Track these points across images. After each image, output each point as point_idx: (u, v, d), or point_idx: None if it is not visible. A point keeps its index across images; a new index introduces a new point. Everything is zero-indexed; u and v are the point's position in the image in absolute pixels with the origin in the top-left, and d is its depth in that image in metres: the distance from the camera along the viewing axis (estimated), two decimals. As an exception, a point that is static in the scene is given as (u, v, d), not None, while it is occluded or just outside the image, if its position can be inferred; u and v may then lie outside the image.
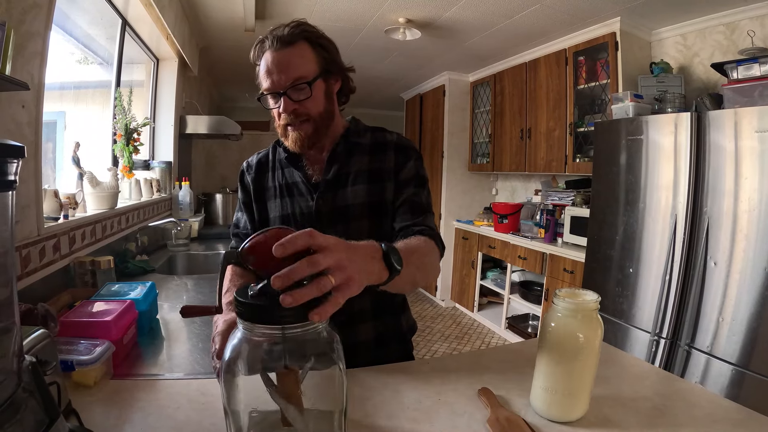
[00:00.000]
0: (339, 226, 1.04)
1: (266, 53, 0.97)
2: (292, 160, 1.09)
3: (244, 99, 6.75)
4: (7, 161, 0.49)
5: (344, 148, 1.08)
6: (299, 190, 1.09)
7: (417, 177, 1.07)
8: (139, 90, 3.06)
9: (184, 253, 2.70)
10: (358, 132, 1.11)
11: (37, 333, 0.66)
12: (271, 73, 0.96)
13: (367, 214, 1.05)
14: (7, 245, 0.51)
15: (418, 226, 1.01)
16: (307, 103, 0.98)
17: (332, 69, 1.03)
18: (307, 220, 1.06)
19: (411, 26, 3.27)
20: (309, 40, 0.98)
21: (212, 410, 0.78)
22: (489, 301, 4.58)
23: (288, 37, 0.95)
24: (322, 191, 1.06)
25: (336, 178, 1.06)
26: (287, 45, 0.95)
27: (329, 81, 1.03)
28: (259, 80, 1.01)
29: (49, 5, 1.33)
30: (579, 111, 3.44)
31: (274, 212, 1.11)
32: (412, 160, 1.08)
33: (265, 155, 1.18)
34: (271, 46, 0.96)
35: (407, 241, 0.90)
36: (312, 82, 0.96)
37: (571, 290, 0.76)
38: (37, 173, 1.35)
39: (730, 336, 1.98)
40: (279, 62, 0.95)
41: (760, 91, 2.07)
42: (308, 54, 0.98)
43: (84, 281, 1.57)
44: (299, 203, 1.08)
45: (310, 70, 0.97)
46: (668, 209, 2.30)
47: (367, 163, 1.07)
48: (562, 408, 0.75)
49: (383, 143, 1.10)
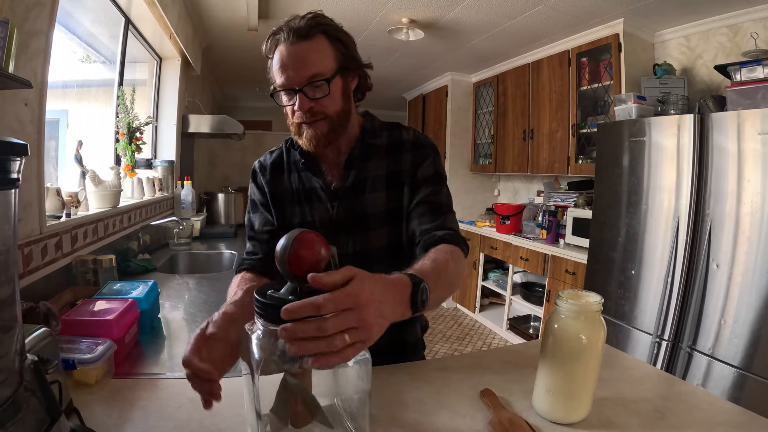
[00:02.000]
0: (358, 234, 1.01)
1: (280, 46, 0.90)
2: (310, 166, 1.03)
3: (246, 98, 6.76)
4: (9, 159, 0.49)
5: (360, 152, 1.02)
6: (318, 197, 1.04)
7: (435, 175, 1.02)
8: (141, 89, 3.06)
9: (186, 252, 2.70)
10: (374, 131, 1.05)
11: (39, 331, 0.66)
12: (286, 68, 0.89)
13: (386, 221, 1.02)
14: (10, 243, 0.51)
15: (440, 230, 0.95)
16: (324, 102, 0.91)
17: (350, 65, 0.96)
18: (326, 228, 1.01)
19: (414, 26, 3.27)
20: (327, 34, 0.91)
21: (213, 409, 0.77)
22: (490, 302, 4.58)
23: (304, 30, 0.88)
24: (341, 199, 1.01)
25: (354, 184, 1.02)
26: (304, 39, 0.88)
27: (347, 78, 0.97)
28: (272, 75, 0.94)
29: (52, 4, 1.33)
30: (582, 112, 3.44)
31: (294, 218, 1.05)
32: (430, 157, 1.03)
33: (278, 155, 1.11)
34: (286, 40, 0.88)
35: (436, 258, 0.83)
36: (330, 79, 0.90)
37: (574, 292, 0.76)
38: (40, 171, 1.35)
39: (732, 338, 1.98)
40: (295, 57, 0.88)
41: (764, 94, 2.07)
42: (326, 49, 0.91)
43: (86, 280, 1.58)
44: (319, 210, 1.03)
45: (328, 66, 0.90)
46: (671, 211, 2.29)
47: (385, 166, 1.02)
48: (565, 410, 0.75)
49: (399, 143, 1.05)
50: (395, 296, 0.62)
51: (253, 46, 3.83)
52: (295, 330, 0.50)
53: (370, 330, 0.54)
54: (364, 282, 0.56)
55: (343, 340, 0.51)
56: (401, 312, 0.63)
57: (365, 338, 0.54)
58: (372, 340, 0.55)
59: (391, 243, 1.02)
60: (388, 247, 1.02)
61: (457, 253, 0.91)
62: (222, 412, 0.77)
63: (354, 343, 0.53)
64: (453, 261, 0.88)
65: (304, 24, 0.88)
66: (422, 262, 0.79)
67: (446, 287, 0.81)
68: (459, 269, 0.91)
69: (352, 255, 1.01)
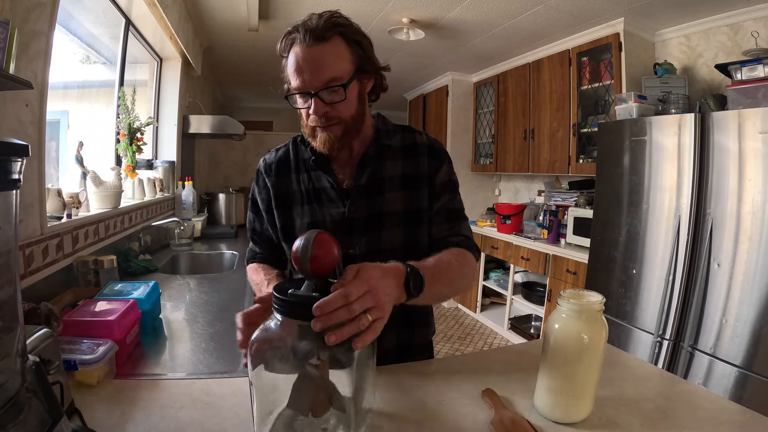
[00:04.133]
0: (372, 234, 1.00)
1: (296, 47, 0.87)
2: (321, 164, 1.01)
3: (247, 99, 6.77)
4: (11, 160, 0.49)
5: (375, 152, 1.01)
6: (328, 196, 1.01)
7: (450, 182, 1.05)
8: (142, 89, 3.06)
9: (187, 252, 2.70)
10: (388, 132, 1.05)
11: (41, 332, 0.66)
12: (302, 71, 0.86)
13: (402, 222, 1.01)
14: (11, 244, 0.51)
15: (455, 236, 1.00)
16: (340, 106, 0.89)
17: (367, 68, 0.94)
18: (338, 227, 0.99)
19: (414, 26, 3.27)
20: (344, 36, 0.89)
21: (215, 410, 0.78)
22: (492, 302, 4.57)
23: (321, 32, 0.85)
24: (354, 198, 1.00)
25: (369, 184, 1.00)
26: (320, 41, 0.86)
27: (363, 80, 0.95)
28: (287, 75, 0.92)
29: (52, 4, 1.33)
30: (582, 112, 3.44)
31: (302, 219, 1.03)
32: (445, 164, 1.04)
33: (284, 153, 1.08)
34: (303, 41, 0.86)
35: (440, 257, 0.90)
36: (347, 84, 0.88)
37: (576, 291, 0.76)
38: (41, 172, 1.36)
39: (734, 337, 1.97)
40: (311, 60, 0.86)
41: (764, 93, 2.06)
42: (343, 52, 0.89)
43: (87, 280, 1.58)
44: (329, 210, 1.01)
45: (345, 70, 0.88)
46: (672, 210, 2.29)
47: (401, 168, 1.02)
48: (566, 409, 0.75)
49: (414, 146, 1.04)
50: (393, 280, 0.72)
51: (253, 47, 3.83)
52: (330, 319, 0.59)
53: (384, 307, 0.65)
54: (368, 270, 0.67)
55: (367, 319, 0.62)
56: (397, 294, 0.72)
57: (382, 314, 0.64)
58: (386, 316, 0.65)
59: (405, 245, 1.01)
60: (402, 249, 1.00)
61: (464, 256, 0.94)
62: (223, 412, 0.77)
63: (375, 320, 0.63)
64: (458, 262, 0.91)
65: (321, 25, 0.86)
66: (426, 259, 0.87)
67: (446, 283, 0.87)
68: (465, 271, 0.94)
69: (364, 255, 0.99)
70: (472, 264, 0.97)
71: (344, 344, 0.59)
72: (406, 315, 1.03)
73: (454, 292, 0.92)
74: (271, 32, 3.43)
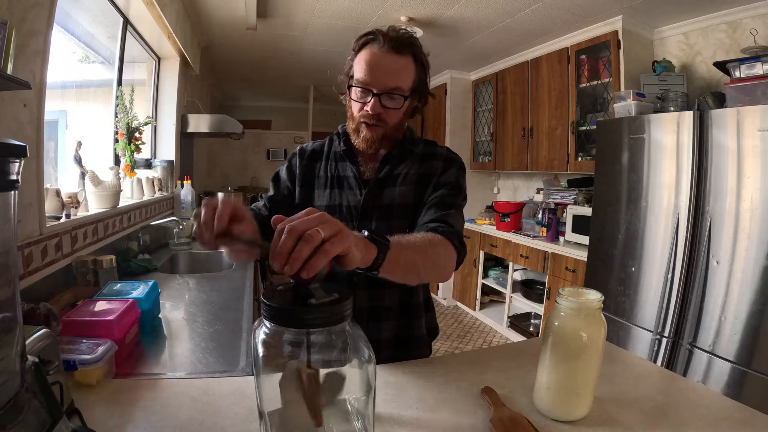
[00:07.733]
0: (382, 222, 1.07)
1: (373, 47, 0.98)
2: (349, 156, 1.12)
3: (245, 97, 6.76)
4: (9, 161, 0.49)
5: (399, 152, 1.11)
6: (349, 184, 1.11)
7: (454, 183, 1.09)
8: (140, 89, 3.05)
9: (186, 252, 2.69)
10: (413, 141, 1.14)
11: (40, 332, 0.66)
12: (375, 70, 0.97)
13: (410, 214, 1.08)
14: (10, 244, 0.51)
15: (435, 222, 0.97)
16: (392, 112, 1.01)
17: (422, 90, 1.06)
18: (353, 213, 1.09)
19: (413, 24, 3.26)
20: (415, 56, 1.01)
21: (215, 410, 0.78)
22: (491, 300, 4.57)
23: (400, 45, 0.97)
24: (371, 188, 1.09)
25: (386, 177, 1.10)
26: (398, 52, 0.97)
27: (414, 98, 1.06)
28: (353, 68, 1.02)
29: (50, 4, 1.33)
30: (581, 110, 3.43)
31: (321, 201, 1.12)
32: (455, 168, 1.11)
33: (320, 145, 1.19)
34: (382, 45, 0.97)
35: (412, 234, 0.87)
36: (407, 97, 1.00)
37: (575, 289, 0.76)
38: (39, 172, 1.35)
39: (732, 335, 1.98)
40: (387, 64, 0.97)
41: (763, 90, 2.06)
42: (411, 70, 1.01)
43: (86, 280, 1.58)
44: (347, 196, 1.10)
45: (407, 85, 1.00)
46: (670, 208, 2.29)
47: (417, 167, 1.10)
48: (566, 407, 0.75)
49: (433, 153, 1.13)
50: (357, 235, 0.65)
51: (252, 45, 3.82)
52: (280, 248, 0.54)
53: (339, 225, 0.58)
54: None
55: (318, 234, 0.54)
56: (363, 242, 0.66)
57: (336, 231, 0.57)
58: (345, 237, 0.58)
59: None
60: None
61: (439, 242, 0.90)
62: (222, 412, 0.77)
63: (330, 237, 0.55)
64: (431, 245, 0.87)
65: (401, 39, 0.98)
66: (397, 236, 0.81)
67: (419, 254, 0.82)
68: (441, 251, 0.90)
69: None
70: (448, 249, 0.92)
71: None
72: (405, 303, 1.13)
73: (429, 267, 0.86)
74: (269, 31, 3.43)
